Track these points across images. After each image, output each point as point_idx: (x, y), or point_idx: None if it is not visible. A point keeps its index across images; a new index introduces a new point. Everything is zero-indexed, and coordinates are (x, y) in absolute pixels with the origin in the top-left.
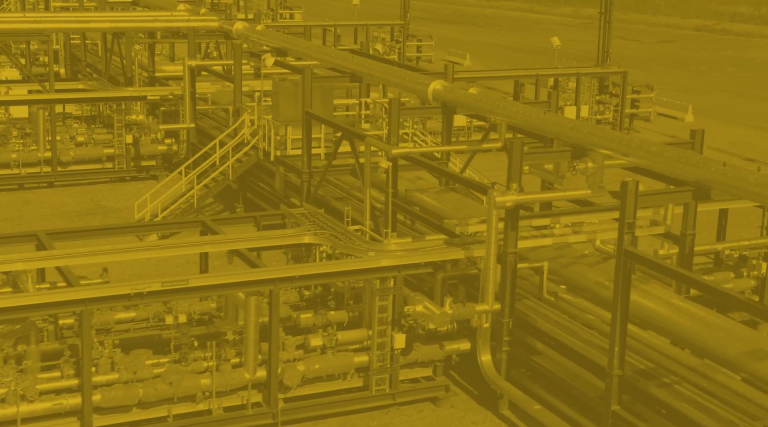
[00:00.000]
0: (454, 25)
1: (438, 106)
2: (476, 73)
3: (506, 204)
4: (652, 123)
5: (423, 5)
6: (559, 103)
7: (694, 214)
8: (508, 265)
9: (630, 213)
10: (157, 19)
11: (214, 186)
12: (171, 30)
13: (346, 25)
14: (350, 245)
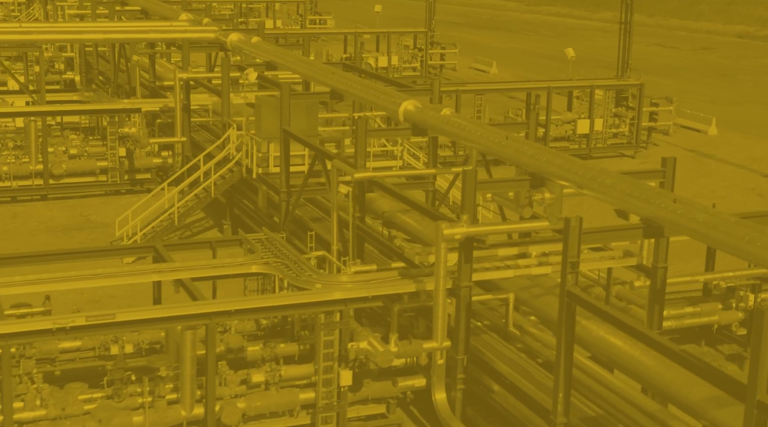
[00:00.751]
0: (489, 30)
1: (408, 127)
2: (486, 85)
3: (455, 237)
4: (673, 136)
5: (461, 10)
6: (572, 116)
7: (666, 246)
8: (462, 299)
9: (573, 252)
10: (152, 30)
11: (196, 203)
12: (167, 41)
13: (368, 33)
14: (298, 276)
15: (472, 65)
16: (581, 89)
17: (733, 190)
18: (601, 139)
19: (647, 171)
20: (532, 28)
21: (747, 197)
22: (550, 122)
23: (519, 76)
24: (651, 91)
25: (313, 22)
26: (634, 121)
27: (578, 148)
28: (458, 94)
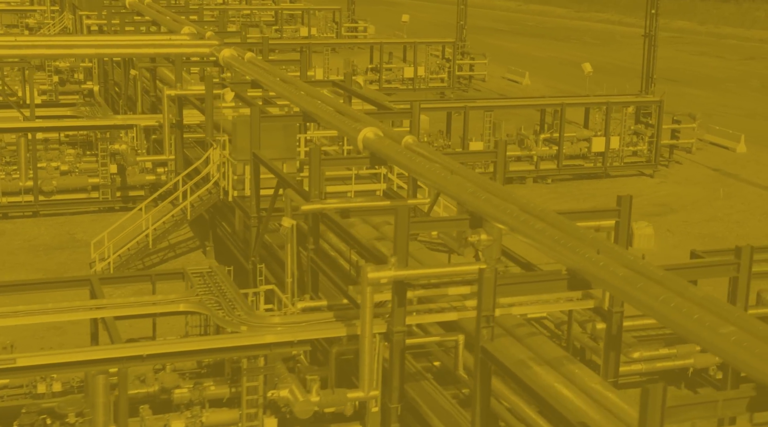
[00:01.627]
0: (531, 38)
1: (366, 157)
2: (496, 101)
3: (381, 281)
4: (697, 154)
5: (507, 17)
6: (588, 133)
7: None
8: (396, 344)
9: (488, 305)
10: (145, 44)
11: (172, 226)
12: (160, 56)
13: (394, 43)
14: (227, 316)
15: (505, 75)
16: (596, 106)
17: (750, 215)
18: (618, 158)
19: (603, 210)
20: (577, 35)
21: (764, 222)
22: (564, 139)
23: (552, 88)
24: (685, 104)
25: (351, 30)
26: (653, 139)
27: (593, 166)
28: (466, 110)
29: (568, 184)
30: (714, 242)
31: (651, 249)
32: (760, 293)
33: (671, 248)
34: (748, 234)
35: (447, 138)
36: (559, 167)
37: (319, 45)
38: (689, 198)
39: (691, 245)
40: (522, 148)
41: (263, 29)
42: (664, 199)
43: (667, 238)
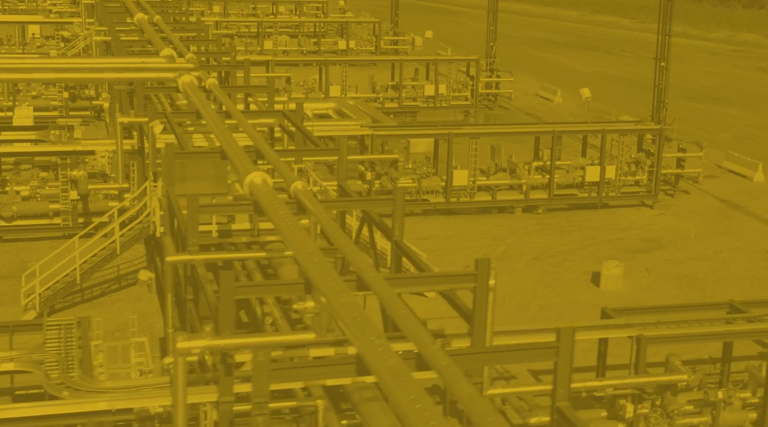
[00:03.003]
0: (584, 51)
1: (249, 204)
2: (483, 128)
3: (192, 351)
4: (711, 182)
5: (569, 28)
6: (584, 162)
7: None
8: (223, 415)
9: (264, 390)
10: (108, 68)
11: (101, 261)
12: (121, 81)
13: (415, 60)
14: (56, 379)
15: (539, 92)
16: (592, 134)
17: (742, 253)
18: (615, 188)
19: (458, 274)
20: (634, 48)
21: (753, 261)
22: (557, 168)
23: (583, 106)
24: (718, 125)
25: (394, 43)
26: (653, 168)
27: (588, 196)
28: (450, 137)
29: (559, 214)
30: (690, 284)
31: (619, 291)
32: (669, 357)
33: (641, 289)
34: (731, 275)
35: (432, 165)
36: (551, 197)
37: (337, 61)
38: (683, 232)
39: (664, 287)
40: (513, 177)
41: (276, 42)
42: (655, 234)
43: (641, 278)
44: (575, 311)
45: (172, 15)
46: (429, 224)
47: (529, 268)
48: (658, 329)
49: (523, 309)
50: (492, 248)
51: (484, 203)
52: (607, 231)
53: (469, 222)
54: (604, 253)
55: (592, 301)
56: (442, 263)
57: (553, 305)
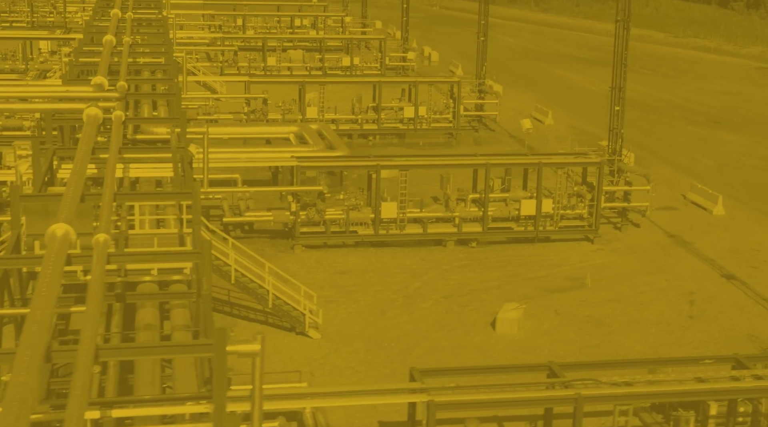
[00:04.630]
0: (605, 67)
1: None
2: (412, 159)
3: None
4: (668, 214)
5: (598, 42)
6: (522, 195)
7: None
8: None
9: None
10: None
11: None
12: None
13: (397, 82)
14: None
15: (532, 113)
16: (531, 166)
17: (664, 295)
18: (553, 222)
19: (194, 344)
20: (657, 64)
21: (670, 305)
22: (489, 200)
23: (575, 128)
24: (704, 150)
25: (403, 59)
26: (593, 202)
27: (524, 230)
28: (378, 169)
29: (493, 248)
30: (592, 329)
31: (513, 335)
32: (466, 421)
33: (539, 334)
34: (640, 320)
35: (363, 195)
36: (485, 230)
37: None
38: (614, 271)
39: (564, 332)
40: (446, 210)
41: (280, 58)
42: (583, 272)
43: (544, 321)
44: (456, 358)
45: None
46: (354, 256)
47: (434, 307)
48: (455, 393)
49: (406, 353)
50: (407, 284)
51: (414, 236)
52: (534, 268)
53: (396, 255)
54: (520, 292)
55: (483, 346)
56: (348, 300)
57: (439, 350)
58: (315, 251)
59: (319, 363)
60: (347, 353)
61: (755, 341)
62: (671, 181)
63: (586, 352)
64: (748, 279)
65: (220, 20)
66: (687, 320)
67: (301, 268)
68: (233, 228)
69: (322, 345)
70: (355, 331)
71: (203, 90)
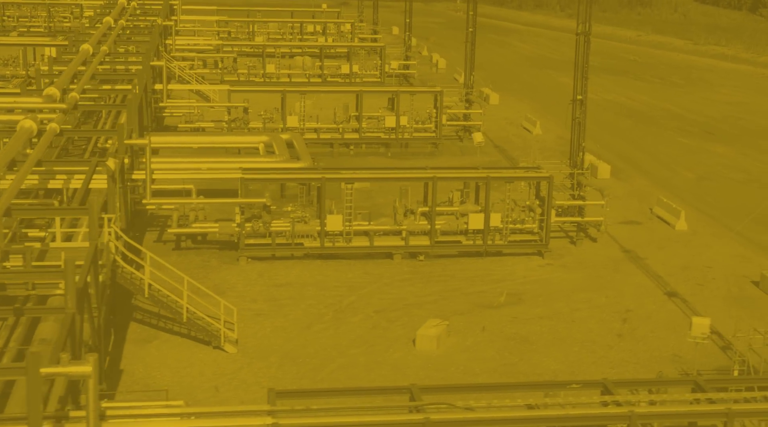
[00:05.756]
0: (613, 76)
1: None
2: (360, 172)
3: None
4: (629, 229)
5: (614, 49)
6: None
7: None
8: None
9: None
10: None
11: None
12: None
13: (379, 91)
14: None
15: (522, 123)
16: (475, 180)
17: (599, 312)
18: (502, 236)
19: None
20: (669, 72)
21: (602, 323)
22: (435, 214)
23: (564, 139)
24: (691, 162)
25: (405, 67)
26: (543, 217)
27: (473, 244)
28: (323, 181)
29: (440, 262)
30: (515, 347)
31: (432, 352)
32: None
33: (460, 351)
34: (566, 338)
35: (312, 207)
36: (432, 243)
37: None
38: (557, 286)
39: (486, 350)
40: (394, 222)
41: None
42: (524, 287)
43: (468, 338)
44: (368, 375)
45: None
46: (298, 269)
47: (362, 322)
48: (302, 416)
49: (318, 370)
50: (342, 297)
51: (361, 249)
52: (476, 282)
53: (341, 268)
54: (455, 307)
55: (398, 363)
56: (277, 314)
57: (353, 366)
58: (260, 263)
59: (228, 378)
60: (259, 368)
61: (678, 362)
62: (645, 194)
63: (501, 370)
64: (690, 297)
65: (233, 27)
66: (614, 338)
67: (240, 280)
68: (185, 239)
69: (236, 360)
70: (274, 345)
71: (197, 98)
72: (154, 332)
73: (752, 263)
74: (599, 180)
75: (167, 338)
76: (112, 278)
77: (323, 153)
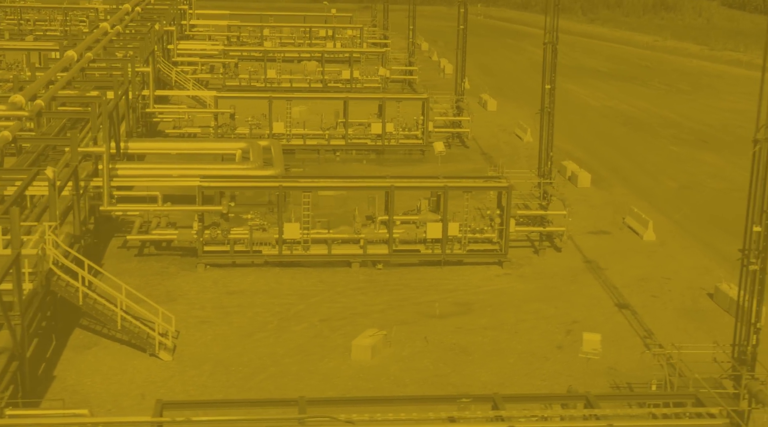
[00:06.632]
0: (620, 82)
1: None
2: (320, 181)
3: None
4: (597, 238)
5: (627, 54)
6: (432, 218)
7: None
8: None
9: None
10: None
11: None
12: None
13: (365, 98)
14: None
15: (515, 130)
16: (434, 190)
17: (545, 323)
18: (461, 245)
19: None
20: (678, 79)
21: (545, 334)
22: (394, 223)
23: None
24: (680, 171)
25: (408, 73)
26: (502, 227)
27: (431, 253)
28: (282, 190)
29: (398, 270)
30: (451, 357)
31: (367, 362)
32: None
33: (395, 361)
34: (504, 350)
35: (272, 216)
36: (390, 252)
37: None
38: (509, 297)
39: (422, 360)
40: (352, 231)
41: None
42: (477, 297)
43: (407, 348)
44: (297, 384)
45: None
46: (254, 276)
47: (305, 331)
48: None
49: (248, 378)
50: (291, 306)
51: (319, 257)
52: (429, 292)
53: (297, 276)
54: (401, 317)
55: (330, 373)
56: (222, 322)
57: (284, 376)
58: (218, 270)
59: (157, 386)
60: (190, 377)
61: (612, 375)
62: (622, 203)
63: (431, 381)
64: (641, 309)
65: (246, 31)
66: (553, 350)
67: (194, 287)
68: (149, 245)
69: (169, 367)
70: (211, 353)
71: (188, 104)
72: (96, 338)
73: (712, 275)
74: (579, 189)
75: (107, 344)
76: (46, 286)
77: (311, 159)
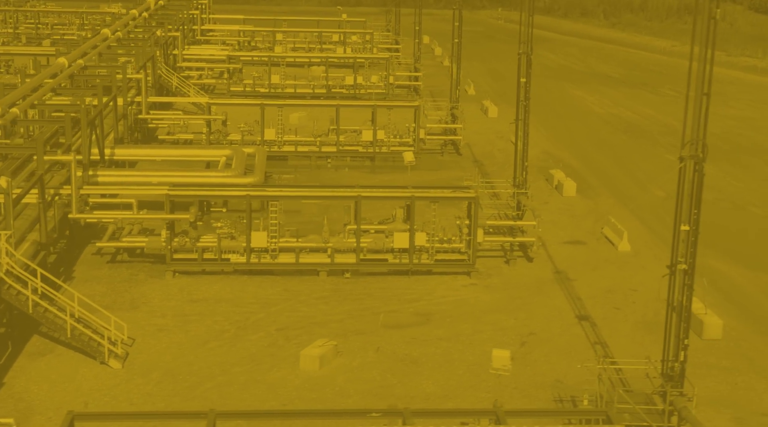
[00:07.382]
0: (629, 88)
1: None
2: (286, 190)
3: None
4: (571, 249)
5: (642, 59)
6: (400, 227)
7: None
8: None
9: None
10: None
11: None
12: None
13: (356, 106)
14: None
15: (511, 137)
16: (399, 200)
17: (502, 335)
18: (429, 255)
19: None
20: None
21: (499, 345)
22: (361, 232)
23: (548, 154)
24: (666, 181)
25: (414, 79)
26: (470, 237)
27: (399, 263)
28: (248, 198)
29: (365, 280)
30: (399, 369)
31: (314, 372)
32: None
33: (344, 372)
34: (454, 361)
35: (241, 223)
36: (358, 261)
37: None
38: (471, 307)
39: (371, 371)
40: (320, 239)
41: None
42: (438, 307)
43: (359, 358)
44: (242, 394)
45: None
46: (220, 285)
47: (260, 340)
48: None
49: (194, 387)
50: (251, 314)
51: (286, 266)
52: (391, 301)
53: (263, 285)
54: (359, 326)
55: (276, 383)
56: (180, 330)
57: (230, 385)
58: (186, 278)
59: (101, 394)
60: (136, 385)
61: (558, 388)
62: (605, 213)
63: (376, 392)
64: (600, 321)
65: (260, 36)
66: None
67: (159, 295)
68: (122, 252)
69: (117, 376)
70: (162, 362)
71: (193, 109)
72: (52, 346)
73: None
74: (564, 197)
75: (62, 352)
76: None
77: (303, 166)
